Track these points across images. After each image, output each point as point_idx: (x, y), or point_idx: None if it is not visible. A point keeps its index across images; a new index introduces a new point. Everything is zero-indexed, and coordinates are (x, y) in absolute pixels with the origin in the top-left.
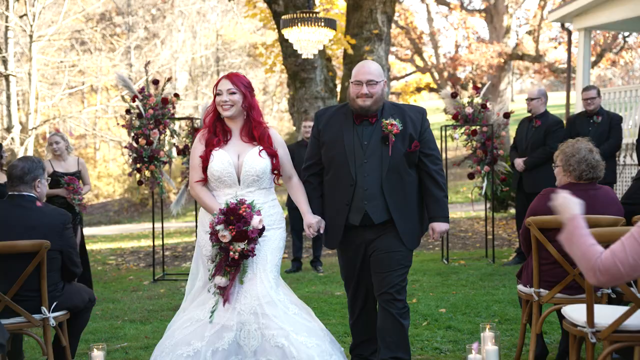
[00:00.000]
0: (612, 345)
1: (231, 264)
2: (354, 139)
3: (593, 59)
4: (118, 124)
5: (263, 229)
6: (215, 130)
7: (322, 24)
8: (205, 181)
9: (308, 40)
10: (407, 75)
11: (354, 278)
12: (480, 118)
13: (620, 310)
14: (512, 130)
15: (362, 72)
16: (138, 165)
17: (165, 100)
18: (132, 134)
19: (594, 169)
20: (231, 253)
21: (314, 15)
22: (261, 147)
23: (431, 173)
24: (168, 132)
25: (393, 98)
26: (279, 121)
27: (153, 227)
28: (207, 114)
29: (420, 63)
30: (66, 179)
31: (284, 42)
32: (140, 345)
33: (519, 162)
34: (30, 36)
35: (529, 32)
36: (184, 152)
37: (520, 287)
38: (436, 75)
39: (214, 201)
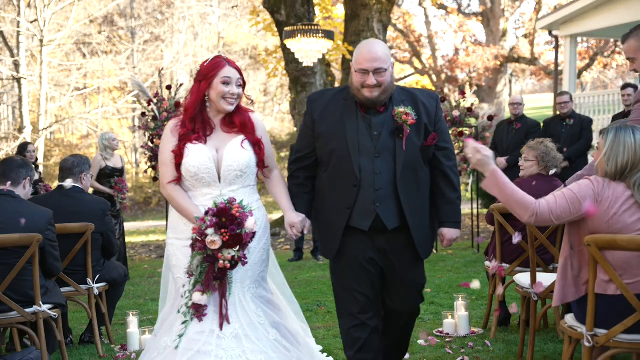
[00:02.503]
0: (549, 303)
1: (218, 276)
2: (359, 130)
3: (586, 61)
4: (134, 125)
5: (255, 233)
6: (195, 127)
7: (322, 35)
8: (179, 180)
9: (309, 50)
10: (405, 77)
11: (359, 288)
12: (466, 120)
13: None
14: None
15: (368, 59)
16: (153, 163)
17: (178, 104)
18: (148, 135)
19: (560, 164)
20: (220, 262)
21: (314, 27)
22: (243, 137)
23: (445, 170)
24: None
25: None
26: (280, 122)
27: (167, 218)
28: (189, 106)
29: (418, 65)
30: (116, 180)
31: (285, 50)
32: None
33: (502, 160)
34: (41, 40)
35: (525, 36)
36: None
37: (487, 262)
38: (434, 77)
39: (190, 204)
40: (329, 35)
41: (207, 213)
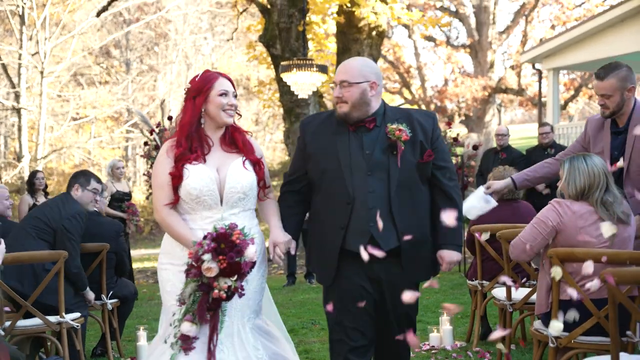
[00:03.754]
0: (523, 314)
1: (211, 306)
2: (350, 147)
3: (572, 93)
4: (137, 154)
5: (255, 262)
6: (192, 146)
7: (316, 69)
8: (175, 203)
9: (303, 83)
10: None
11: (351, 324)
12: (452, 150)
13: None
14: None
15: (337, 72)
16: None
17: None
18: (150, 163)
19: (512, 192)
20: (215, 292)
21: (309, 61)
22: (244, 157)
23: (446, 190)
24: None
25: None
26: (272, 151)
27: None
28: (185, 124)
29: (408, 95)
30: (127, 204)
31: (280, 82)
32: None
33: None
34: (41, 72)
35: (512, 67)
36: None
37: (469, 281)
38: (424, 107)
39: (186, 229)
40: (322, 69)
41: (205, 237)
